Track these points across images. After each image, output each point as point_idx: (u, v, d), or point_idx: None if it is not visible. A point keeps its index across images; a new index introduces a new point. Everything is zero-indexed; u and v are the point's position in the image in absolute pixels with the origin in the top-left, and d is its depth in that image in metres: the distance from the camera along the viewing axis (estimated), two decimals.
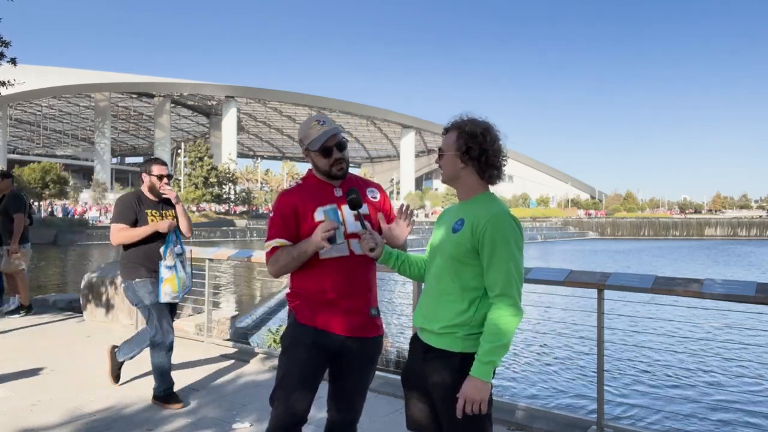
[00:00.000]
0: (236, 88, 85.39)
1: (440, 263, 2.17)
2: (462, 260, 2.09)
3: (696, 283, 3.37)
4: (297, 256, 2.35)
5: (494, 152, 2.14)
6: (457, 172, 2.18)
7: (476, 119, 2.18)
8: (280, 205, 2.43)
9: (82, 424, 3.74)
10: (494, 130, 2.17)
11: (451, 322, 2.09)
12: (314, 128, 2.40)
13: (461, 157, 2.15)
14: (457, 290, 2.10)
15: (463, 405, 2.00)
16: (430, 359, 2.13)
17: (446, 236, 2.17)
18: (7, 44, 10.66)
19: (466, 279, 2.10)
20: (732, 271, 27.81)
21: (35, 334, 6.32)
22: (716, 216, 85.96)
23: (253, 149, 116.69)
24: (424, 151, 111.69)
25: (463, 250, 2.09)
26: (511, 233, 2.05)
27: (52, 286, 17.20)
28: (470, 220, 2.09)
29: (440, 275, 2.15)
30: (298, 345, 2.38)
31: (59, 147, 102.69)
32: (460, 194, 2.22)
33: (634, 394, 7.07)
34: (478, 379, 1.99)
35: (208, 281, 5.89)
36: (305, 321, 2.39)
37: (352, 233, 2.39)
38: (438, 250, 2.20)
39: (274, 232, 2.41)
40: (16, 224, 7.16)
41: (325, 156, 2.39)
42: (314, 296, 2.39)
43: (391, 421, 3.82)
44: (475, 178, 2.17)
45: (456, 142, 2.16)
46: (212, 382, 4.65)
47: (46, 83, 68.24)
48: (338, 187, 2.45)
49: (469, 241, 2.07)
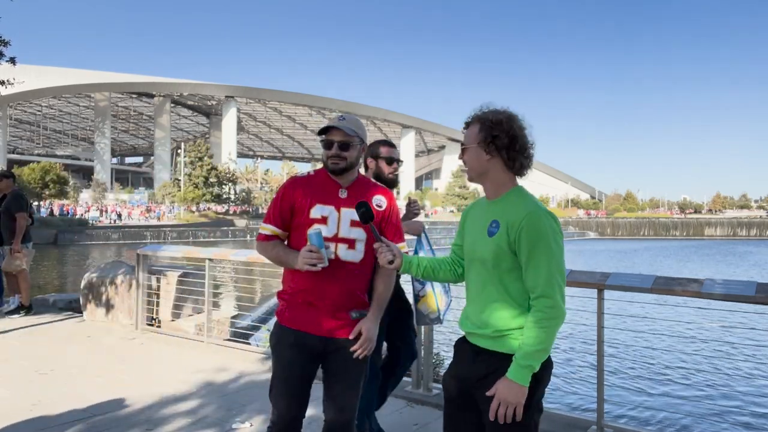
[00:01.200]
0: (236, 88, 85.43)
1: (481, 269, 2.05)
2: (503, 264, 1.98)
3: (696, 283, 3.37)
4: (283, 262, 2.44)
5: (522, 138, 2.01)
6: (483, 166, 2.04)
7: (498, 109, 2.06)
8: (284, 191, 2.46)
9: (82, 424, 3.74)
10: (518, 118, 2.04)
11: (504, 326, 1.99)
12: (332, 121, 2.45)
13: (486, 148, 2.01)
14: (504, 296, 2.00)
15: (497, 407, 1.92)
16: (483, 361, 2.03)
17: (482, 240, 2.04)
18: (7, 43, 10.64)
19: (511, 282, 1.99)
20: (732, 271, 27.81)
21: (35, 334, 6.32)
22: (716, 216, 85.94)
23: (253, 149, 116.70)
24: (424, 151, 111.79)
25: (502, 253, 1.97)
26: (548, 230, 1.93)
27: (52, 286, 17.20)
28: (505, 220, 1.98)
29: (483, 281, 2.05)
30: (283, 346, 2.43)
31: (59, 147, 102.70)
32: (488, 191, 2.10)
33: (634, 394, 7.07)
34: (514, 382, 1.90)
35: (208, 281, 5.89)
36: (286, 323, 2.44)
37: (342, 238, 2.38)
38: (476, 254, 2.08)
39: (272, 217, 2.46)
40: (19, 223, 7.17)
41: (325, 147, 2.42)
42: (296, 296, 2.43)
43: (391, 421, 3.82)
44: (503, 171, 2.04)
45: (479, 133, 2.02)
46: (212, 382, 4.65)
47: (46, 83, 68.27)
48: (345, 188, 2.44)
49: (506, 244, 1.96)
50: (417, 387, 4.36)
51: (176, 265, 7.73)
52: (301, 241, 2.39)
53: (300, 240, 2.40)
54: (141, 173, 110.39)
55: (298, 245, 2.39)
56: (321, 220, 2.38)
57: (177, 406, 4.10)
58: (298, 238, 2.42)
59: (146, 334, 6.33)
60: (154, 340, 6.08)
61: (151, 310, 6.72)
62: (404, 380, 4.58)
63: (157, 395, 4.28)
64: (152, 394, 4.28)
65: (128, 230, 42.96)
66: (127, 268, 7.13)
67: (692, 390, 7.46)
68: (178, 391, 4.39)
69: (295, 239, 2.44)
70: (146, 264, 6.67)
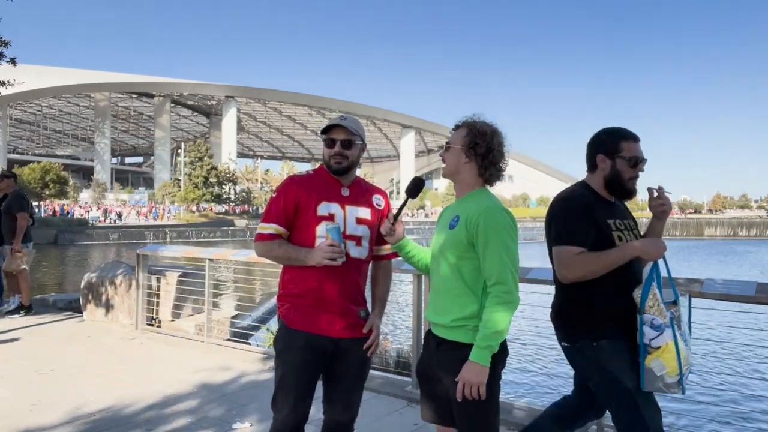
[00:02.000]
0: (236, 88, 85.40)
1: (442, 260, 2.25)
2: (461, 255, 2.18)
3: (696, 283, 3.36)
4: (293, 259, 2.37)
5: (498, 153, 2.24)
6: (459, 167, 2.27)
7: (486, 121, 2.28)
8: (286, 189, 2.42)
9: (82, 424, 3.74)
10: (501, 135, 2.27)
11: (460, 315, 2.17)
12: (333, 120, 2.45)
13: (466, 152, 2.24)
14: (461, 285, 2.19)
15: (462, 388, 2.09)
16: (443, 351, 2.23)
17: (444, 233, 2.26)
18: (7, 44, 10.64)
19: (468, 273, 2.18)
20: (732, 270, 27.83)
21: (35, 334, 6.32)
22: (716, 216, 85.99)
23: (253, 149, 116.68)
24: (424, 151, 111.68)
25: (460, 245, 2.17)
26: (502, 224, 2.13)
27: (52, 286, 17.20)
28: (464, 215, 2.18)
29: (444, 272, 2.24)
30: (291, 350, 2.37)
31: (59, 147, 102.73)
32: (457, 190, 2.32)
33: None
34: (476, 363, 2.08)
35: (208, 281, 5.89)
36: (295, 326, 2.38)
37: (351, 235, 2.39)
38: (439, 247, 2.29)
39: (275, 216, 2.39)
40: (19, 223, 7.18)
41: (327, 146, 2.41)
42: (304, 297, 2.38)
43: (391, 421, 3.82)
44: (474, 174, 2.26)
45: (465, 137, 2.25)
46: (212, 382, 4.65)
47: (46, 83, 68.23)
48: (346, 186, 2.45)
49: (464, 236, 2.16)
50: (417, 387, 4.34)
51: (176, 265, 7.74)
52: (305, 240, 2.37)
53: (303, 238, 2.38)
54: (141, 173, 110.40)
55: (300, 244, 2.37)
56: (328, 217, 2.37)
57: (177, 406, 4.10)
58: (300, 237, 2.39)
59: (146, 334, 6.33)
60: (154, 340, 6.09)
61: (151, 310, 6.72)
62: (404, 380, 4.58)
63: (157, 395, 4.28)
64: (152, 394, 4.28)
65: (128, 230, 42.96)
66: (127, 268, 7.14)
67: (692, 390, 7.45)
68: (178, 391, 4.39)
69: (296, 238, 2.40)
70: (146, 264, 6.67)
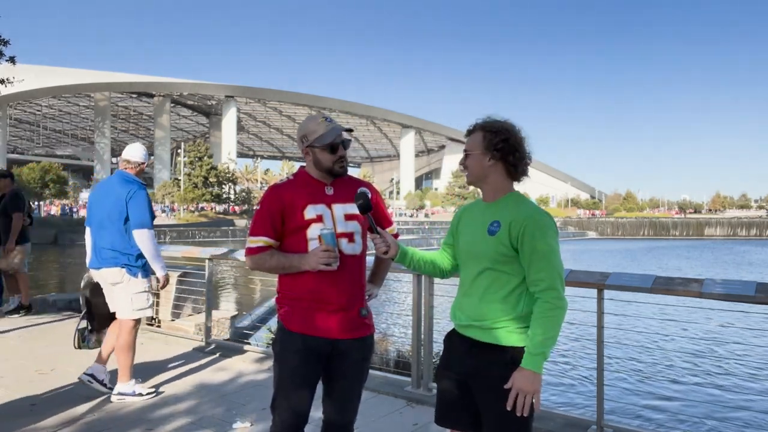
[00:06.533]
0: (236, 88, 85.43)
1: (478, 264, 2.19)
2: (502, 260, 2.14)
3: (696, 283, 3.36)
4: (287, 267, 2.35)
5: (522, 148, 2.20)
6: (484, 171, 2.20)
7: (498, 119, 2.23)
8: (269, 199, 2.39)
9: (82, 424, 3.74)
10: (519, 129, 2.22)
11: (500, 318, 2.13)
12: (322, 125, 2.39)
13: (490, 155, 2.18)
14: (501, 289, 2.15)
15: (515, 397, 2.03)
16: (478, 354, 2.16)
17: (482, 238, 2.19)
18: (7, 43, 10.66)
19: (508, 277, 2.15)
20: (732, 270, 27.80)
21: (35, 334, 6.32)
22: (716, 216, 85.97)
23: (252, 149, 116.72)
24: (424, 151, 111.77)
25: (503, 250, 2.13)
26: (549, 229, 2.12)
27: (52, 286, 17.20)
28: (506, 220, 2.14)
29: (481, 276, 2.19)
30: (289, 352, 2.35)
31: (59, 147, 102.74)
32: (486, 194, 2.25)
33: (634, 394, 7.07)
34: (529, 371, 2.03)
35: (208, 281, 5.89)
36: (294, 328, 2.36)
37: (342, 233, 2.37)
38: (473, 251, 2.22)
39: (261, 229, 2.36)
40: (14, 223, 7.17)
41: (332, 152, 2.38)
42: (303, 298, 2.36)
43: (392, 421, 3.82)
44: (502, 176, 2.21)
45: (483, 140, 2.19)
46: (212, 382, 4.65)
47: (46, 83, 68.24)
48: (330, 185, 2.44)
49: (507, 241, 2.12)
50: (417, 387, 4.35)
51: (176, 265, 7.73)
52: (297, 245, 2.35)
53: (295, 244, 2.36)
54: None
55: (293, 250, 2.36)
56: (317, 219, 2.35)
57: (177, 406, 4.10)
58: (292, 243, 2.37)
59: (146, 334, 6.31)
60: (154, 340, 6.08)
61: (151, 309, 6.70)
62: (404, 380, 4.58)
63: (157, 395, 4.28)
64: (152, 394, 4.27)
65: None
66: None
67: (692, 390, 7.46)
68: (177, 390, 4.39)
69: (288, 245, 2.38)
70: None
